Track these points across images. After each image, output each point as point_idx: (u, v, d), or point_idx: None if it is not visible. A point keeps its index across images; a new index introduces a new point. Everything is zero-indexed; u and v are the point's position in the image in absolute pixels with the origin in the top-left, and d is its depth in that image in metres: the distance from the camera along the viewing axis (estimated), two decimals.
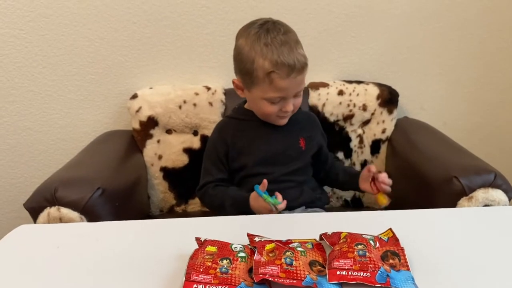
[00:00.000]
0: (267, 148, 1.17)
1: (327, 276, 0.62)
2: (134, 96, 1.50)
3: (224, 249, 0.67)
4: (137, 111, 1.48)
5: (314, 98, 1.51)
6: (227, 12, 1.54)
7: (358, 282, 0.61)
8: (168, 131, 1.52)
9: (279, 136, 1.18)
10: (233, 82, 1.16)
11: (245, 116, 1.20)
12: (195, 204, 1.54)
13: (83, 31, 1.52)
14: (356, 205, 1.56)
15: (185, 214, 1.51)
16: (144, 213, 1.47)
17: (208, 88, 1.51)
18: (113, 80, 1.58)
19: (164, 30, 1.55)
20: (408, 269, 0.64)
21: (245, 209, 1.08)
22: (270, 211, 1.02)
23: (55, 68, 1.56)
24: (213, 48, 1.57)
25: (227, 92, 1.53)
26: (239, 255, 0.66)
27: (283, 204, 1.02)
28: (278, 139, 1.18)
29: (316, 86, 1.53)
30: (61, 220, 1.05)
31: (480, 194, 1.10)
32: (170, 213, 1.53)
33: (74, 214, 1.06)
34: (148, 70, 1.58)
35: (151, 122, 1.48)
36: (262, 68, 1.04)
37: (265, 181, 1.03)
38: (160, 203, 1.54)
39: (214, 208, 1.20)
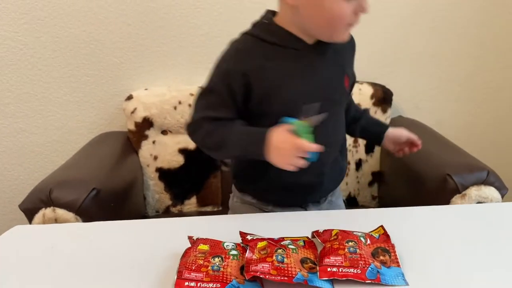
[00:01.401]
0: (305, 89, 0.85)
1: (318, 273, 0.63)
2: (129, 97, 1.50)
3: (216, 247, 0.67)
4: (132, 112, 1.48)
5: None
6: (221, 13, 1.55)
7: (348, 278, 0.62)
8: (164, 132, 1.52)
9: (322, 72, 0.87)
10: None
11: (278, 39, 0.85)
12: (191, 204, 1.54)
13: (78, 33, 1.53)
14: (350, 204, 1.56)
15: (181, 215, 1.51)
16: (140, 214, 1.47)
17: None
18: (108, 81, 1.59)
19: (158, 32, 1.55)
20: (399, 266, 0.65)
21: (255, 148, 0.80)
22: (297, 151, 0.76)
23: (50, 70, 1.56)
24: (208, 49, 1.58)
25: None
26: (231, 253, 0.66)
27: (317, 146, 0.76)
28: (321, 76, 0.87)
29: None
30: (56, 221, 1.05)
31: (473, 191, 1.10)
32: (166, 213, 1.54)
33: (70, 215, 1.06)
34: (143, 71, 1.59)
35: (147, 123, 1.49)
36: None
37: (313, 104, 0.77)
38: (156, 204, 1.54)
39: (210, 147, 0.89)
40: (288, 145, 0.77)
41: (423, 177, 1.20)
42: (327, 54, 0.88)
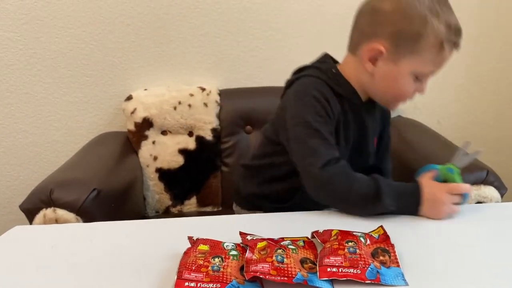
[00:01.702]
0: (354, 140, 0.96)
1: (318, 273, 0.63)
2: (129, 98, 1.50)
3: (216, 247, 0.67)
4: (132, 112, 1.48)
5: None
6: (220, 14, 1.55)
7: (348, 278, 0.62)
8: (163, 132, 1.52)
9: (366, 127, 0.97)
10: (369, 50, 0.87)
11: (345, 92, 0.93)
12: (191, 205, 1.54)
13: (78, 33, 1.53)
14: None
15: (181, 215, 1.51)
16: (140, 214, 1.47)
17: (203, 89, 1.52)
18: (107, 82, 1.59)
19: (158, 32, 1.55)
20: (398, 266, 0.65)
21: (410, 206, 0.81)
22: (452, 198, 0.81)
23: (50, 70, 1.56)
24: (207, 49, 1.58)
25: (221, 93, 1.53)
26: (231, 253, 0.66)
27: (468, 186, 0.82)
28: (365, 131, 0.97)
29: None
30: (57, 221, 1.05)
31: (473, 191, 1.10)
32: (165, 214, 1.54)
33: (70, 215, 1.06)
34: (142, 72, 1.59)
35: (146, 124, 1.49)
36: (436, 33, 0.82)
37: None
38: (156, 204, 1.54)
39: (355, 198, 0.82)
40: (442, 194, 0.81)
41: None
42: (374, 114, 0.99)
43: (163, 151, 1.51)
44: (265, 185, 1.02)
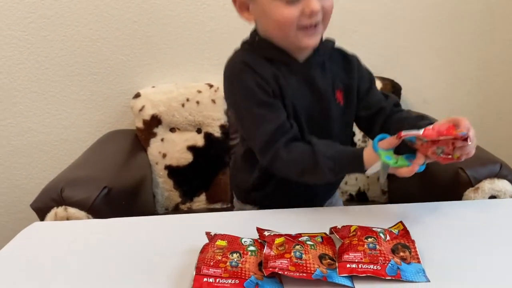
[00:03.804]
0: (304, 104, 0.88)
1: (337, 269, 0.62)
2: (137, 95, 1.50)
3: (234, 243, 0.67)
4: (140, 110, 1.48)
5: None
6: (227, 10, 1.54)
7: (368, 275, 0.61)
8: (172, 129, 1.52)
9: (311, 86, 0.89)
10: (234, 3, 0.88)
11: (276, 55, 0.87)
12: (200, 202, 1.54)
13: (85, 31, 1.52)
14: (360, 199, 1.56)
15: (191, 212, 1.51)
16: (150, 211, 1.47)
17: (211, 86, 1.51)
18: (115, 79, 1.58)
19: (165, 29, 1.55)
20: (419, 262, 0.64)
21: (355, 171, 0.84)
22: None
23: (57, 69, 1.56)
24: (215, 46, 1.57)
25: None
26: (249, 249, 0.66)
27: (411, 168, 0.74)
28: (311, 91, 0.89)
29: None
30: (68, 219, 1.05)
31: (486, 184, 1.09)
32: (175, 211, 1.53)
33: (81, 214, 1.06)
34: (150, 69, 1.58)
35: (155, 121, 1.48)
36: None
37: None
38: (165, 202, 1.54)
39: (299, 173, 0.83)
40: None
41: (435, 170, 1.19)
42: (321, 68, 0.90)
43: (171, 148, 1.51)
44: (242, 174, 1.00)
